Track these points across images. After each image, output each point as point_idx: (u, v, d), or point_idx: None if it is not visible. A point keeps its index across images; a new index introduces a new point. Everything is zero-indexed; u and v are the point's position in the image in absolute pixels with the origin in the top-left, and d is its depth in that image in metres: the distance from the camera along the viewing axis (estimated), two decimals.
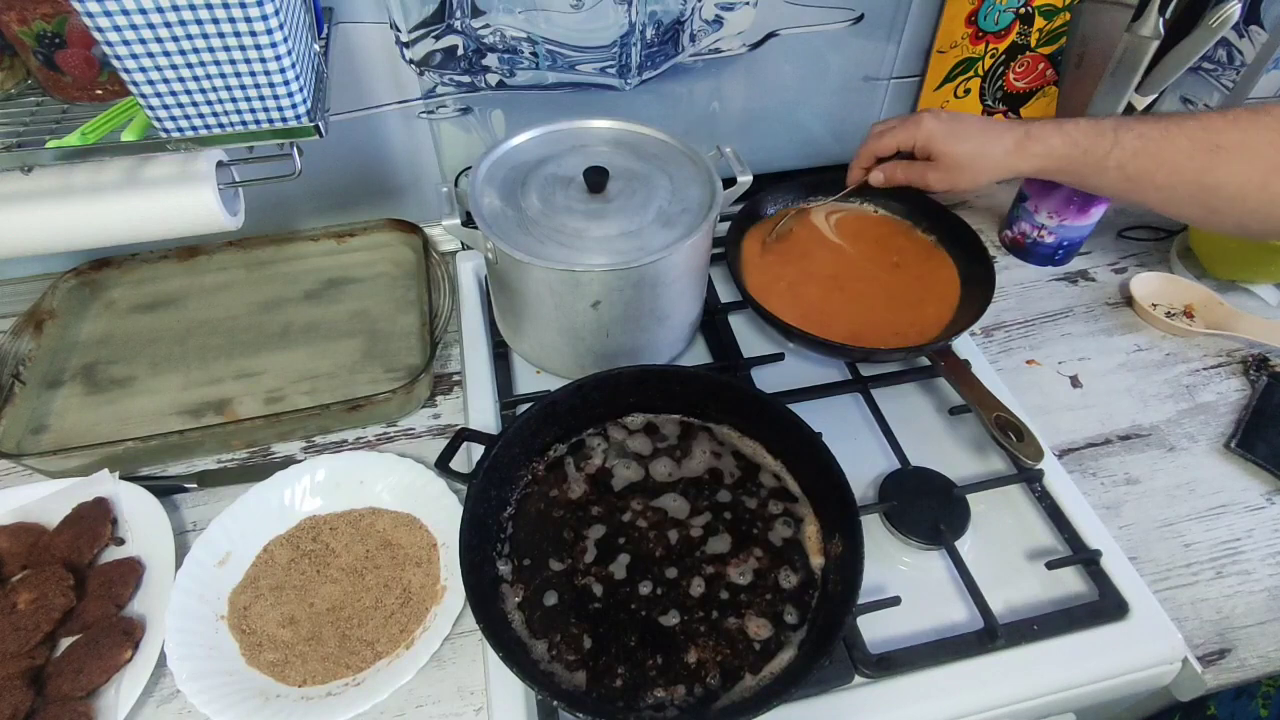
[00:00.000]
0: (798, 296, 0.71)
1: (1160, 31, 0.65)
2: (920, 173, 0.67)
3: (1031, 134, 0.63)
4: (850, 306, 0.71)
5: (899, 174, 0.69)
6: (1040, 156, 0.63)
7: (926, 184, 0.67)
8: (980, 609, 0.54)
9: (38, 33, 0.50)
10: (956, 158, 0.65)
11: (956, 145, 0.65)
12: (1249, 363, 0.74)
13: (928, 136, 0.66)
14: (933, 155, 0.66)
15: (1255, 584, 0.59)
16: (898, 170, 0.69)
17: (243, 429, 0.65)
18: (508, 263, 0.61)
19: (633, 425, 0.62)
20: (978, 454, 0.66)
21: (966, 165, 0.65)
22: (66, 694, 0.50)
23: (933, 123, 0.66)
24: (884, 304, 0.71)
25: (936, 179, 0.67)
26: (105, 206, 0.55)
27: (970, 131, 0.65)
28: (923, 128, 0.66)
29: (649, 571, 0.53)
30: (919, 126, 0.66)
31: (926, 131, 0.66)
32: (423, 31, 0.70)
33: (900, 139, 0.68)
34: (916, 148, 0.67)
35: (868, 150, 0.71)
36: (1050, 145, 0.62)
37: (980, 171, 0.65)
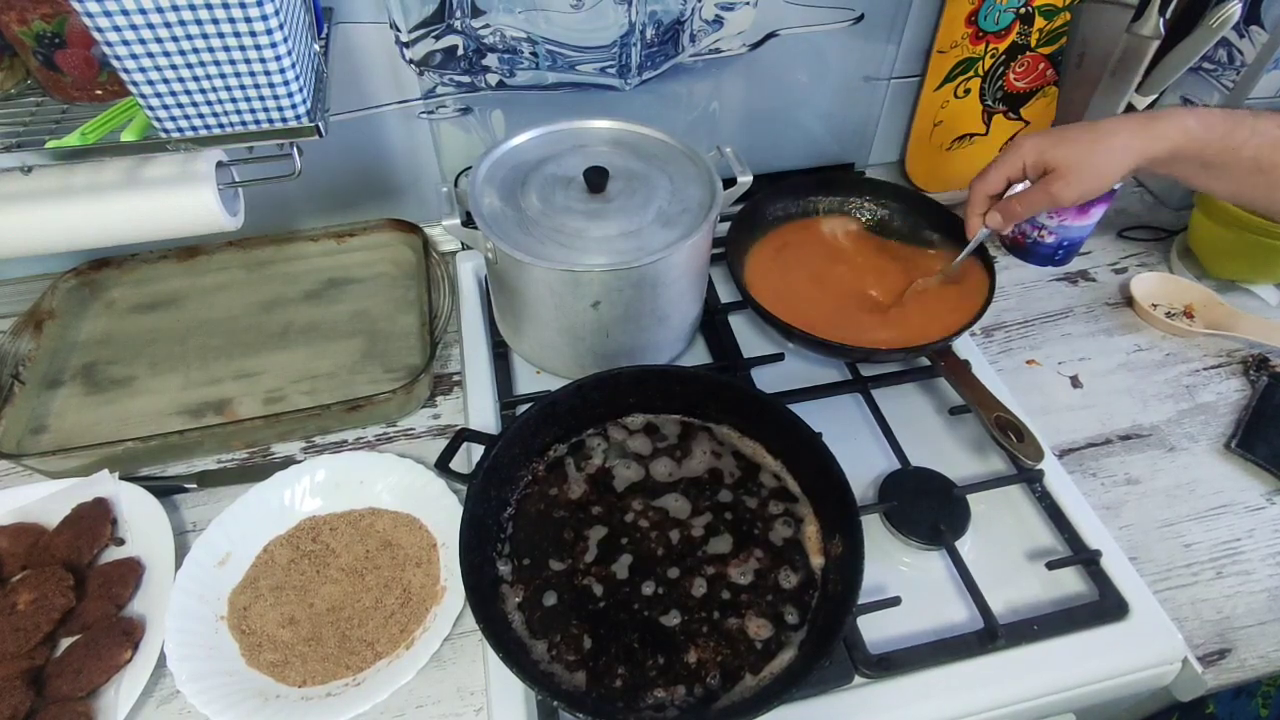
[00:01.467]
0: (798, 296, 0.71)
1: (1160, 31, 0.65)
2: (1043, 191, 0.62)
3: (1156, 115, 0.59)
4: (850, 307, 0.71)
5: (1017, 206, 0.64)
6: (1173, 138, 0.58)
7: (1055, 199, 0.62)
8: (980, 609, 0.54)
9: (37, 33, 0.50)
10: (1076, 157, 0.60)
11: (1069, 149, 0.60)
12: (1249, 363, 0.74)
13: (1036, 150, 0.62)
14: (1049, 166, 0.61)
15: (1255, 584, 0.59)
16: (1014, 203, 0.64)
17: (243, 429, 0.65)
18: (508, 263, 0.61)
19: (633, 425, 0.62)
20: (978, 454, 0.66)
21: (1089, 161, 0.60)
22: (66, 694, 0.50)
23: (1033, 138, 0.62)
24: (884, 304, 0.71)
25: (1062, 188, 0.61)
26: (105, 206, 0.55)
27: (1076, 134, 0.61)
28: (1025, 146, 0.62)
29: (651, 571, 0.53)
30: (1020, 148, 0.62)
31: (1031, 147, 0.62)
32: (423, 31, 0.70)
33: (1006, 168, 0.64)
34: (1028, 167, 0.63)
35: (978, 194, 0.66)
36: (1185, 124, 0.58)
37: (1105, 166, 0.60)
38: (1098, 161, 0.60)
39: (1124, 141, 0.59)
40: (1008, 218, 0.65)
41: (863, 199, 0.80)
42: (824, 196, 0.81)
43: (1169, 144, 0.59)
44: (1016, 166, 0.63)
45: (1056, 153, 0.61)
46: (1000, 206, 0.65)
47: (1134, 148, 0.59)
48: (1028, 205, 0.64)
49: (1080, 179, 0.60)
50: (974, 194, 0.66)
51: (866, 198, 0.80)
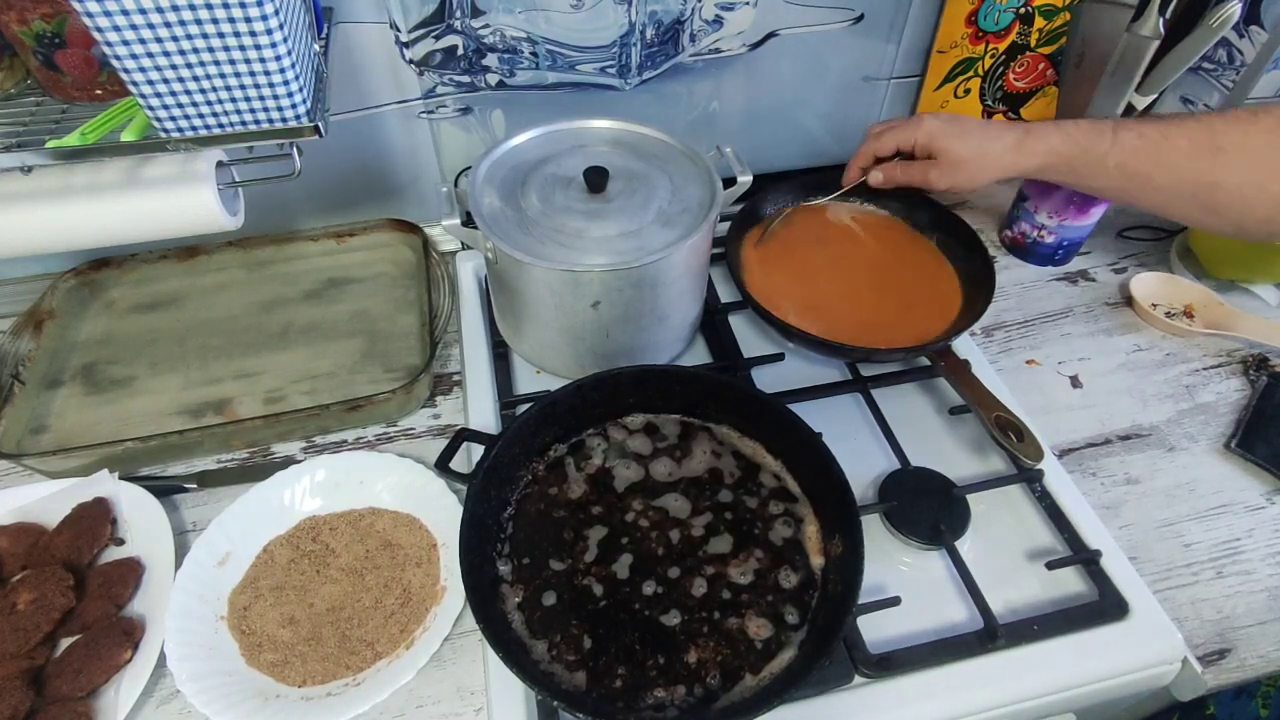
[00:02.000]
0: (797, 296, 0.71)
1: (1160, 31, 0.65)
2: (921, 171, 0.68)
3: (1032, 133, 0.64)
4: (850, 306, 0.71)
5: (898, 174, 0.70)
6: (1040, 154, 0.64)
7: (927, 182, 0.68)
8: (980, 609, 0.54)
9: (37, 33, 0.50)
10: (958, 154, 0.65)
11: (958, 142, 0.65)
12: (1249, 363, 0.74)
13: (929, 134, 0.66)
14: (934, 153, 0.66)
15: (1255, 584, 0.59)
16: (897, 170, 0.70)
17: (242, 429, 0.65)
18: (508, 263, 0.61)
19: (633, 425, 0.62)
20: (978, 454, 0.66)
21: (967, 162, 0.65)
22: (66, 694, 0.50)
23: (933, 122, 0.66)
24: (884, 304, 0.71)
25: (937, 176, 0.67)
26: (105, 206, 0.55)
27: (971, 129, 0.66)
28: (923, 126, 0.66)
29: (651, 571, 0.53)
30: (919, 125, 0.67)
31: (928, 130, 0.66)
32: (423, 31, 0.70)
33: (900, 138, 0.68)
34: (917, 146, 0.68)
35: (866, 150, 0.72)
36: (1050, 143, 0.63)
37: (981, 169, 0.66)
38: (973, 166, 0.65)
39: (999, 155, 0.65)
40: (888, 180, 0.71)
41: (862, 198, 0.80)
42: (824, 196, 0.81)
43: (1037, 160, 0.64)
44: (909, 141, 0.68)
45: (945, 144, 0.66)
46: (885, 168, 0.71)
47: (1006, 162, 0.65)
48: (907, 177, 0.70)
49: (956, 173, 0.66)
50: (863, 148, 0.72)
51: (863, 199, 0.80)
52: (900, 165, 0.70)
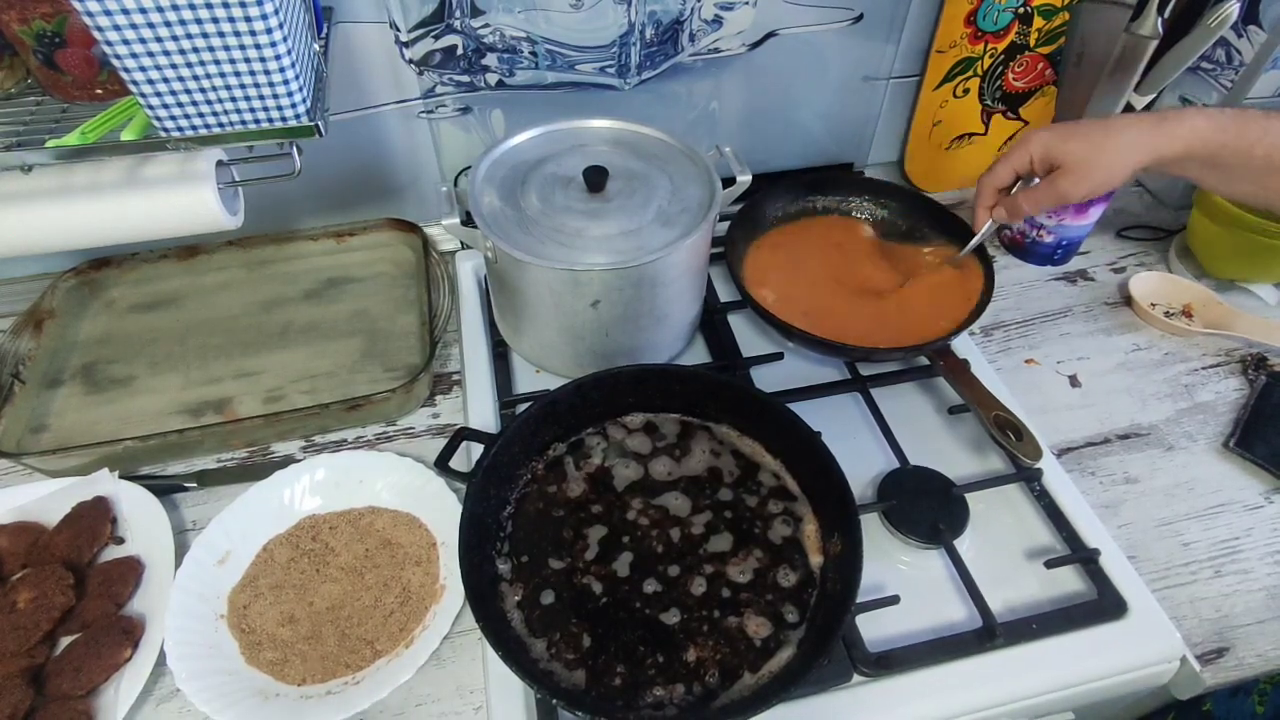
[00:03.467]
0: (797, 296, 0.71)
1: (1159, 31, 0.66)
2: (1050, 187, 0.62)
3: (1168, 115, 0.58)
4: (849, 306, 0.71)
5: (1023, 202, 0.64)
6: (1183, 136, 0.57)
7: (1061, 196, 0.61)
8: (979, 608, 0.54)
9: (38, 32, 0.50)
10: (1080, 155, 0.59)
11: (1079, 144, 0.60)
12: (1248, 362, 0.75)
13: (1044, 145, 0.61)
14: (1056, 162, 0.61)
15: (1253, 583, 0.59)
16: (1018, 200, 0.64)
17: (242, 428, 0.65)
18: (507, 262, 0.61)
19: (632, 424, 0.62)
20: (977, 453, 0.66)
21: (1097, 158, 0.59)
22: (66, 693, 0.50)
23: (1043, 133, 0.61)
24: (883, 303, 0.71)
25: (1069, 184, 0.60)
26: (105, 206, 0.55)
27: (1086, 129, 0.60)
28: (1034, 141, 0.62)
29: (652, 569, 0.53)
30: (1029, 142, 0.62)
31: (1040, 142, 0.61)
32: (422, 31, 0.70)
33: (1015, 162, 0.63)
34: (1036, 163, 0.62)
35: (986, 189, 0.66)
36: (1195, 125, 0.57)
37: (1115, 163, 0.59)
38: (1107, 159, 0.59)
39: (1134, 139, 0.58)
40: (1013, 213, 0.65)
41: (862, 198, 0.81)
42: (823, 196, 0.81)
43: (1180, 144, 0.58)
44: (1024, 161, 0.63)
45: (1065, 148, 0.60)
46: (1006, 202, 0.65)
47: (1144, 146, 0.58)
48: (1034, 201, 0.63)
49: (1088, 175, 0.60)
50: (982, 188, 0.66)
51: (866, 197, 0.80)
52: (1023, 193, 0.64)
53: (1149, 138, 0.58)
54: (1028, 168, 0.63)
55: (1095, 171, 0.59)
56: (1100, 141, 0.59)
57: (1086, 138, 0.59)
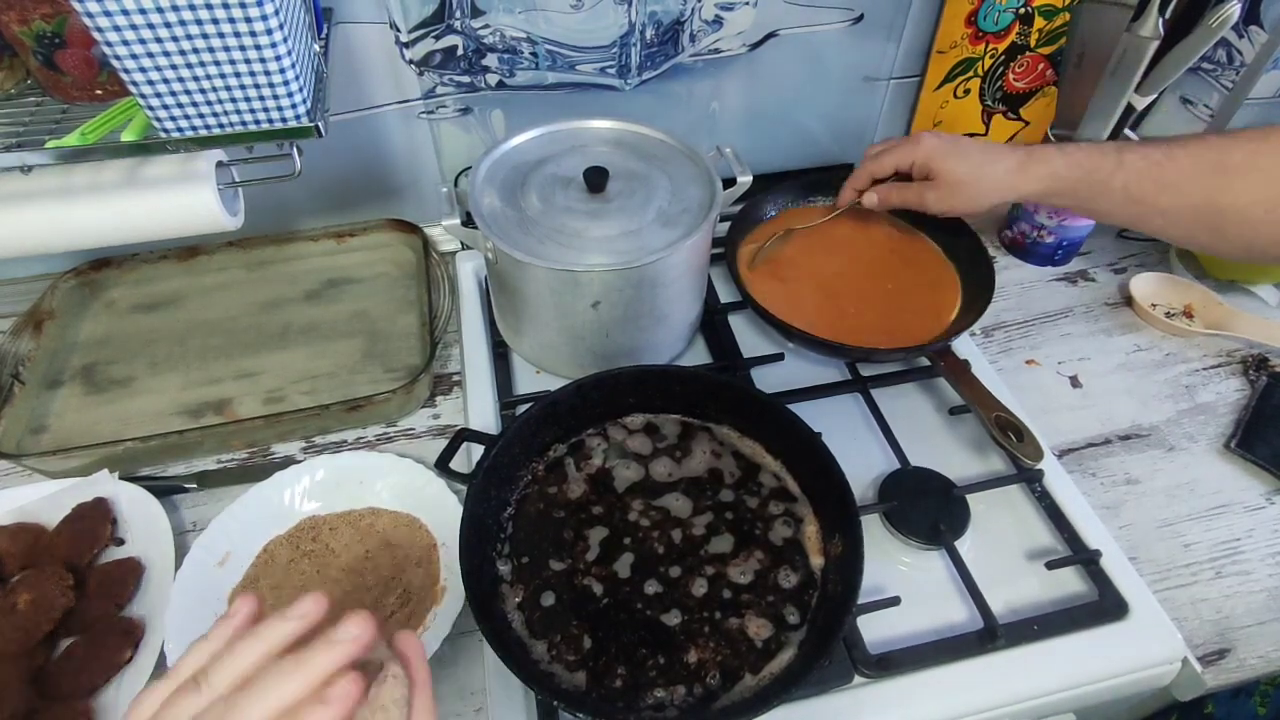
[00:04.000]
0: (798, 296, 0.71)
1: (1160, 31, 0.66)
2: (918, 193, 0.66)
3: (1034, 155, 0.62)
4: (850, 306, 0.71)
5: (894, 196, 0.68)
6: (1043, 178, 0.62)
7: (924, 204, 0.66)
8: (980, 609, 0.54)
9: (37, 33, 0.50)
10: (957, 176, 0.63)
11: (957, 163, 0.63)
12: (1248, 363, 0.74)
13: (927, 154, 0.64)
14: (931, 174, 0.65)
15: (1255, 584, 0.59)
16: (892, 192, 0.68)
17: (242, 429, 0.65)
18: (508, 263, 0.61)
19: (633, 425, 0.62)
20: (977, 454, 0.66)
21: (966, 184, 0.63)
22: (66, 694, 0.50)
23: (933, 140, 0.65)
24: (884, 304, 0.71)
25: (935, 199, 0.65)
26: (105, 206, 0.55)
27: (971, 151, 0.64)
28: (922, 146, 0.65)
29: (653, 571, 0.53)
30: (918, 145, 0.65)
31: (926, 149, 0.64)
32: (422, 31, 0.70)
33: (899, 158, 0.67)
34: (915, 166, 0.66)
35: (864, 171, 0.70)
36: (1053, 166, 0.61)
37: (980, 192, 0.64)
38: (974, 189, 0.64)
39: (999, 178, 0.63)
40: (883, 202, 0.70)
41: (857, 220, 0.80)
42: (824, 196, 0.81)
43: (1039, 184, 0.62)
44: (907, 162, 0.66)
45: (944, 164, 0.64)
46: (880, 190, 0.69)
47: (1006, 184, 0.63)
48: (903, 199, 0.68)
49: (954, 195, 0.64)
50: (861, 170, 0.70)
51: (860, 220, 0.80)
52: (896, 187, 0.68)
53: (1012, 178, 0.62)
54: (909, 167, 0.67)
55: (960, 196, 0.64)
56: (975, 170, 0.63)
57: (966, 161, 0.63)
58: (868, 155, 0.70)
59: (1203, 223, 0.58)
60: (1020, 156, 0.62)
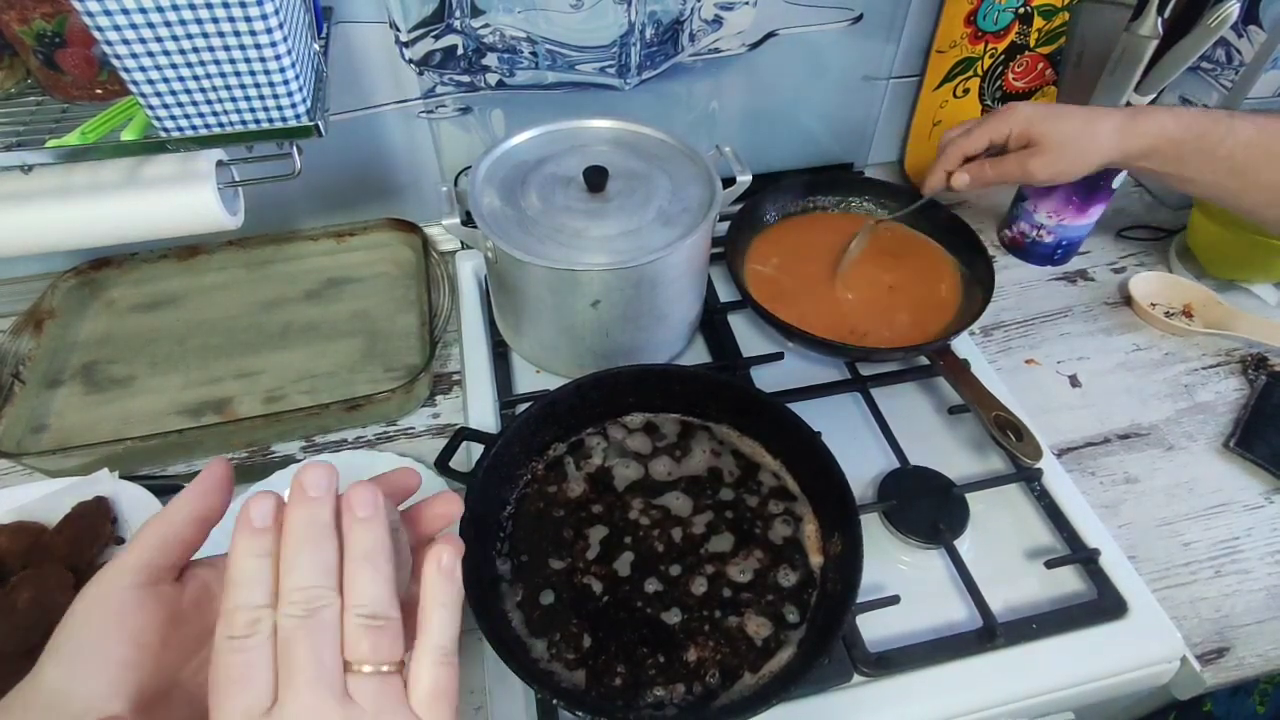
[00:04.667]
0: (798, 296, 0.71)
1: (1159, 31, 0.66)
2: (1019, 163, 0.62)
3: (1142, 113, 0.60)
4: (850, 306, 0.71)
5: (989, 171, 0.63)
6: (1151, 136, 0.59)
7: (1028, 173, 0.62)
8: (979, 608, 0.54)
9: (38, 32, 0.50)
10: (1062, 137, 0.60)
11: (1060, 124, 0.60)
12: (1248, 362, 0.75)
13: (1026, 120, 0.61)
14: (1033, 140, 0.61)
15: (1254, 583, 0.59)
16: (986, 167, 0.63)
17: (242, 428, 0.65)
18: (507, 262, 0.61)
19: (632, 424, 0.62)
20: (977, 453, 0.66)
21: (1072, 144, 0.60)
22: None
23: (1030, 107, 0.62)
24: (883, 303, 0.71)
25: (1040, 164, 0.61)
26: (105, 206, 0.55)
27: (1072, 112, 0.61)
28: (1019, 112, 0.61)
29: (653, 569, 0.53)
30: (1013, 112, 0.62)
31: (1024, 116, 0.61)
32: (422, 31, 0.70)
33: (993, 130, 0.62)
34: (1013, 135, 0.62)
35: (956, 150, 0.64)
36: (1163, 124, 0.59)
37: (1086, 151, 0.60)
38: (1081, 146, 0.60)
39: (1108, 133, 0.60)
40: (976, 180, 0.64)
41: (862, 198, 0.81)
42: (823, 196, 0.81)
43: (1146, 141, 0.59)
44: (1003, 132, 0.62)
45: (1046, 127, 0.60)
46: (972, 168, 0.64)
47: (1112, 144, 0.60)
48: (1000, 173, 0.63)
49: (1059, 159, 0.60)
50: (951, 149, 0.65)
51: (866, 197, 0.81)
52: (990, 162, 0.63)
53: (1118, 137, 0.60)
54: (1004, 139, 0.63)
55: (1066, 157, 0.60)
56: (1080, 129, 0.60)
57: (1070, 121, 0.60)
58: (950, 137, 0.65)
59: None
60: (1126, 115, 0.60)
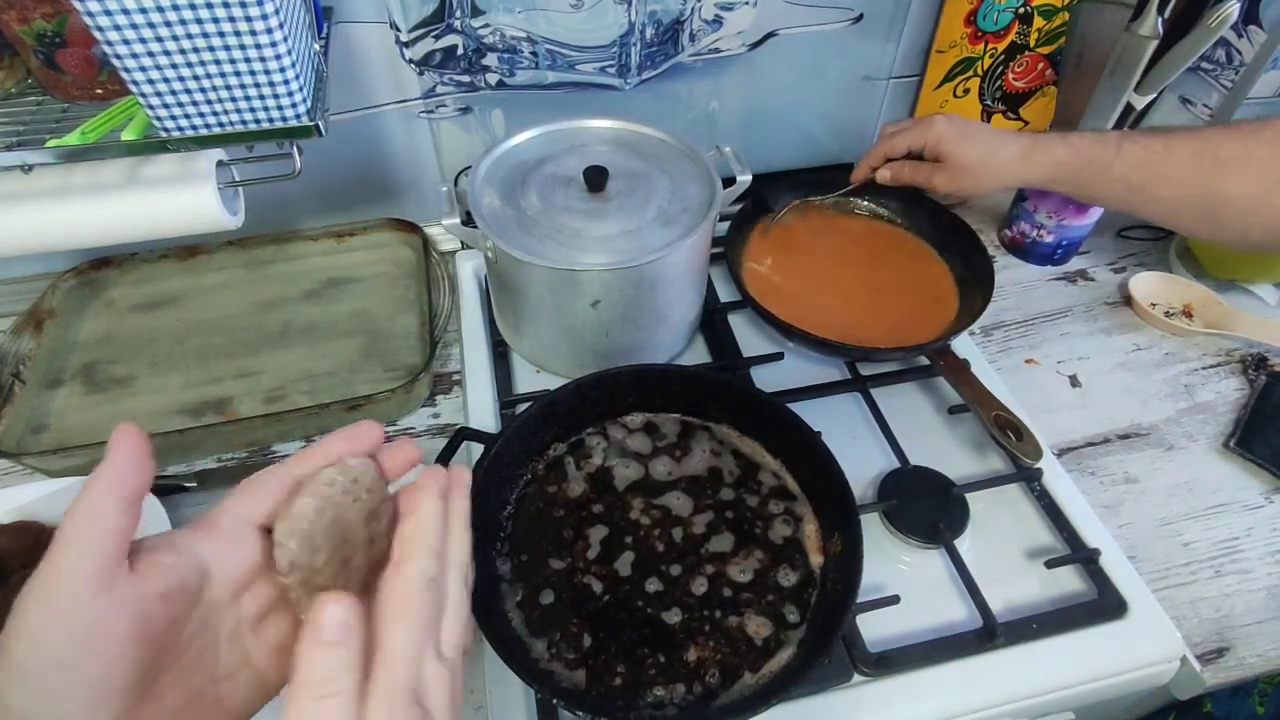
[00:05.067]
0: (797, 296, 0.71)
1: (1159, 31, 0.66)
2: (927, 174, 0.68)
3: (1039, 143, 0.64)
4: (850, 306, 0.71)
5: (906, 173, 0.70)
6: (1046, 165, 0.64)
7: (932, 185, 0.68)
8: (979, 608, 0.54)
9: (38, 32, 0.50)
10: (965, 160, 0.65)
11: (966, 147, 0.65)
12: (1248, 362, 0.75)
13: (939, 137, 0.66)
14: (941, 156, 0.67)
15: (1254, 583, 0.59)
16: (904, 169, 0.70)
17: (242, 428, 0.65)
18: (507, 262, 0.61)
19: (632, 424, 0.62)
20: (977, 453, 0.66)
21: (973, 168, 0.65)
22: None
23: (945, 124, 0.66)
24: (884, 303, 0.71)
25: (943, 180, 0.67)
26: (105, 206, 0.55)
27: (981, 136, 0.66)
28: (934, 128, 0.67)
29: (654, 569, 0.53)
30: (931, 127, 0.67)
31: (938, 132, 0.66)
32: (422, 31, 0.70)
33: (912, 139, 0.68)
34: (927, 148, 0.68)
35: (879, 150, 0.71)
36: (1055, 154, 0.63)
37: (986, 176, 0.66)
38: (979, 173, 0.66)
39: (1005, 164, 0.65)
40: (895, 178, 0.71)
41: (862, 198, 0.81)
42: (823, 196, 0.81)
43: (1043, 170, 0.65)
44: (920, 143, 0.68)
45: (952, 148, 0.66)
46: (894, 166, 0.71)
47: (1011, 171, 0.65)
48: (913, 176, 0.69)
49: (960, 178, 0.66)
50: (874, 150, 0.72)
51: (865, 197, 0.81)
52: (909, 165, 0.70)
53: (1017, 164, 0.65)
54: (920, 148, 0.68)
55: (968, 179, 0.66)
56: (983, 155, 0.65)
57: (975, 146, 0.65)
58: (883, 134, 0.72)
59: (1198, 212, 0.61)
60: (1026, 143, 0.64)
